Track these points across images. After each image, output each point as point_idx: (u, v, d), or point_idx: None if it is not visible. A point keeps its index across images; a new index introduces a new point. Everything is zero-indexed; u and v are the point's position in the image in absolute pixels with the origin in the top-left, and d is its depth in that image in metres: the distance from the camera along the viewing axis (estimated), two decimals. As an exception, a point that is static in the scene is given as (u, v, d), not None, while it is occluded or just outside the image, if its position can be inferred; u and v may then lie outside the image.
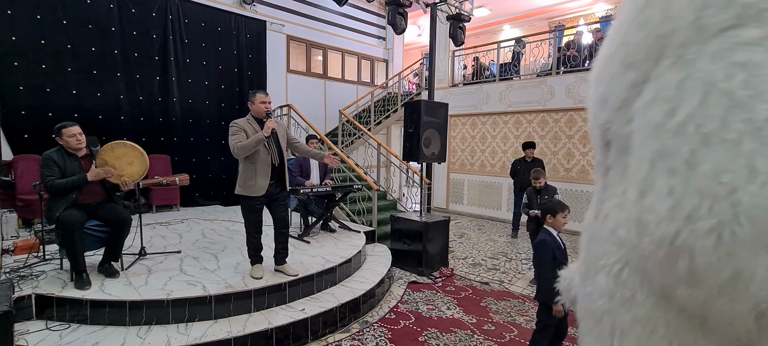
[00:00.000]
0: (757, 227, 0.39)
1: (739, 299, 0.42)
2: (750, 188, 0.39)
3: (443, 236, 4.88)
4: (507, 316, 3.57)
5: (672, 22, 0.49)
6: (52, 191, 2.97)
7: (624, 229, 0.54)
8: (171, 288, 3.03)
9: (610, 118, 0.59)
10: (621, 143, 0.57)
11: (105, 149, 3.18)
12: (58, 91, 5.49)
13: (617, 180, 0.60)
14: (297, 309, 3.14)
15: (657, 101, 0.49)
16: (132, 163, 3.27)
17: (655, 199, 0.47)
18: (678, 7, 0.48)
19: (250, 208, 3.22)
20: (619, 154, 0.59)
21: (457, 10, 6.21)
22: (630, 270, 0.57)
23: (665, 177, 0.46)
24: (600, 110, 0.62)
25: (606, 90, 0.60)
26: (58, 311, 2.84)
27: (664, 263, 0.47)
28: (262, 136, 3.08)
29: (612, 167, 0.62)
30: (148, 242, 4.27)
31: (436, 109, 4.91)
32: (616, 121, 0.58)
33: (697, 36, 0.46)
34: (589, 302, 0.67)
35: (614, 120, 0.58)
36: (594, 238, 0.68)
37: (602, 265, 0.63)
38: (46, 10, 5.34)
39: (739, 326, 0.44)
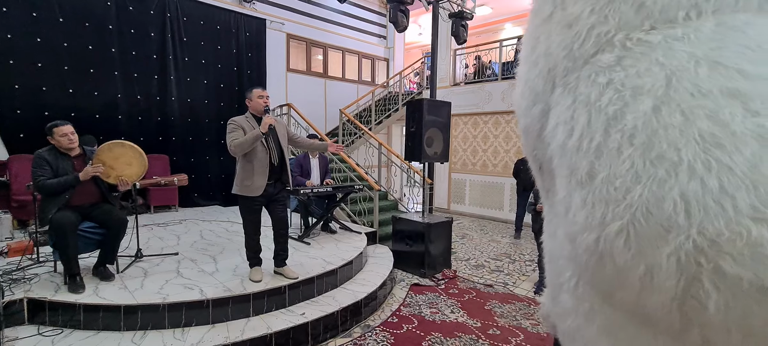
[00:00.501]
0: (651, 222, 0.43)
1: (658, 291, 0.45)
2: (637, 189, 0.44)
3: (446, 237, 4.79)
4: (512, 320, 3.48)
5: (553, 58, 0.57)
6: (43, 191, 2.88)
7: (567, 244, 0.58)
8: (167, 292, 2.94)
9: (534, 145, 0.66)
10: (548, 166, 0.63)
11: (102, 149, 3.09)
12: (54, 90, 5.40)
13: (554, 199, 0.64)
14: (297, 313, 3.05)
15: (559, 125, 0.55)
16: (131, 163, 3.18)
17: (575, 211, 0.52)
18: (555, 45, 0.57)
19: (249, 208, 3.13)
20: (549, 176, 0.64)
21: (459, 8, 6.12)
22: (583, 283, 0.60)
23: (578, 191, 0.51)
24: (526, 140, 0.69)
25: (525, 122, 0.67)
26: (50, 315, 2.75)
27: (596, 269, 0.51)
28: (258, 133, 2.99)
29: (549, 189, 0.68)
30: (145, 243, 4.18)
31: (438, 108, 4.82)
32: (539, 148, 0.64)
33: (573, 65, 0.54)
34: (561, 322, 0.69)
35: (537, 147, 0.65)
36: (552, 258, 0.72)
37: (561, 282, 0.66)
38: (41, 7, 5.25)
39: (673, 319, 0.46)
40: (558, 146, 0.55)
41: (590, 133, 0.49)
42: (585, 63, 0.53)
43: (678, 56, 0.45)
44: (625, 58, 0.49)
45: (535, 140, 0.65)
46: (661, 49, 0.47)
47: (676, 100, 0.43)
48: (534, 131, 0.64)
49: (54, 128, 3.04)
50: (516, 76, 0.73)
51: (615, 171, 0.46)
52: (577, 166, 0.51)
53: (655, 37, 0.48)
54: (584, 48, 0.53)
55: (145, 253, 3.73)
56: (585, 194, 0.50)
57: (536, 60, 0.61)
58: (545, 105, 0.60)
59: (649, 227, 0.43)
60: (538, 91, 0.60)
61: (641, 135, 0.44)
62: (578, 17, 0.54)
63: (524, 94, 0.66)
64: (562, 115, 0.54)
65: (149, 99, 6.30)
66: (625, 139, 0.45)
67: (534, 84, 0.62)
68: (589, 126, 0.49)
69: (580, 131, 0.51)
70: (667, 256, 0.42)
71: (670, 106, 0.43)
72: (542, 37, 0.60)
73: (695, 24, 0.46)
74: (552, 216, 0.69)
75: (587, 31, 0.53)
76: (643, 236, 0.44)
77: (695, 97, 0.42)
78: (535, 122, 0.63)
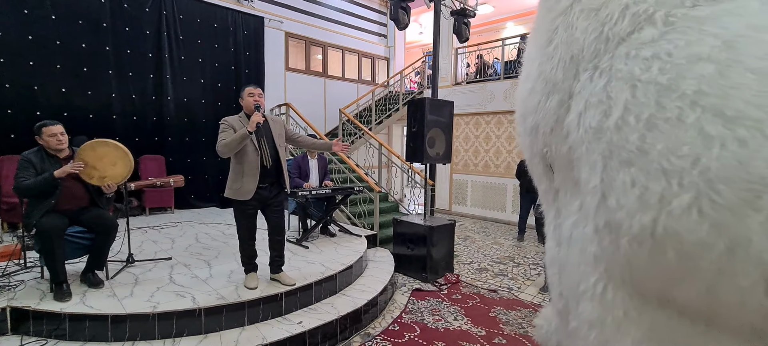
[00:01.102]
0: (734, 187, 0.38)
1: (743, 271, 0.39)
2: (712, 152, 0.40)
3: (448, 241, 4.66)
4: (518, 327, 3.35)
5: (579, 43, 0.55)
6: (20, 193, 2.76)
7: (594, 242, 0.53)
8: (158, 300, 2.81)
9: (546, 142, 0.63)
10: (562, 162, 0.59)
11: (85, 148, 2.92)
12: (47, 88, 5.26)
13: (569, 199, 0.60)
14: (294, 322, 2.92)
15: (589, 109, 0.53)
16: (115, 163, 3.00)
17: (620, 195, 0.47)
18: (580, 30, 0.55)
19: (242, 212, 2.99)
20: (563, 173, 0.61)
21: (461, 5, 5.99)
22: (614, 286, 0.53)
23: (623, 170, 0.47)
24: (534, 140, 0.66)
25: (534, 120, 0.63)
26: (34, 325, 2.61)
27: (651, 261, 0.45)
28: (245, 132, 2.83)
29: (560, 189, 0.64)
30: (138, 247, 4.05)
31: (440, 108, 4.69)
32: (553, 144, 0.61)
33: (605, 46, 0.52)
34: (577, 339, 0.61)
35: (550, 143, 0.62)
36: (564, 267, 0.65)
37: (583, 291, 0.59)
38: (33, 4, 5.11)
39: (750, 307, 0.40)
40: (588, 130, 0.53)
41: (637, 107, 0.47)
42: (620, 42, 0.51)
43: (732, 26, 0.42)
44: (669, 32, 0.47)
45: (547, 136, 0.62)
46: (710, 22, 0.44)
47: (744, 62, 0.40)
48: (547, 126, 0.62)
49: (43, 128, 2.92)
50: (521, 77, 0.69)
51: (677, 139, 0.43)
52: (620, 144, 0.48)
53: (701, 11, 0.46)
54: (619, 27, 0.51)
55: (136, 258, 3.60)
56: (635, 172, 0.46)
57: (553, 52, 0.59)
58: (565, 94, 0.58)
59: (732, 193, 0.38)
60: (557, 82, 0.58)
61: (709, 97, 0.41)
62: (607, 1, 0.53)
63: (535, 90, 0.63)
64: (594, 96, 0.52)
65: (144, 98, 6.16)
66: (687, 105, 0.43)
67: (551, 76, 0.60)
68: (635, 100, 0.47)
69: (621, 108, 0.48)
70: (759, 224, 0.37)
71: (738, 69, 0.40)
72: (561, 28, 0.59)
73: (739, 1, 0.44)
74: (563, 220, 0.64)
75: (621, 11, 0.51)
76: (724, 206, 0.39)
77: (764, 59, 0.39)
78: (550, 116, 0.60)
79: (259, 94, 3.02)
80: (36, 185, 2.76)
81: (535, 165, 0.70)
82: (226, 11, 7.02)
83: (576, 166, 0.56)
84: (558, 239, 0.66)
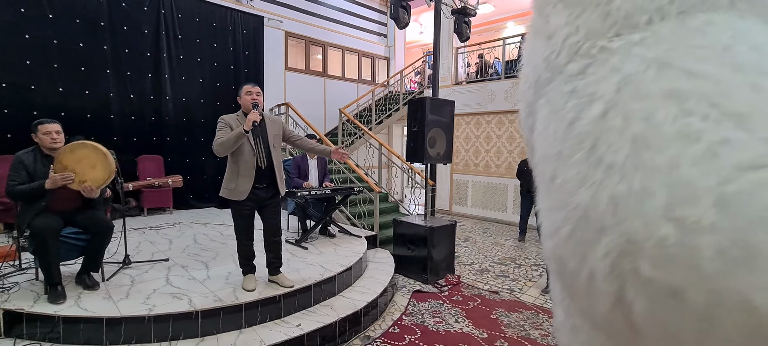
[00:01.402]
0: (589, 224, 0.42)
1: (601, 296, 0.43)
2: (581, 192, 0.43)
3: (449, 241, 4.61)
4: (520, 330, 3.30)
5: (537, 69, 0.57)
6: (12, 196, 2.72)
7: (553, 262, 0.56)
8: (154, 302, 2.76)
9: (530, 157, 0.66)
10: None
11: (64, 151, 2.77)
12: (44, 88, 5.21)
13: None
14: (292, 325, 2.87)
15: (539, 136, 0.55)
16: (95, 166, 2.84)
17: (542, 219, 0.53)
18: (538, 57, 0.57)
19: (238, 213, 2.94)
20: None
21: (462, 4, 5.94)
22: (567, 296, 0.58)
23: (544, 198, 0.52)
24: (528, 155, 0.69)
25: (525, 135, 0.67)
26: (28, 328, 2.57)
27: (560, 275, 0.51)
28: (241, 131, 2.78)
29: None
30: (135, 248, 4.00)
31: (441, 107, 4.64)
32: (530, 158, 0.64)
33: (551, 75, 0.54)
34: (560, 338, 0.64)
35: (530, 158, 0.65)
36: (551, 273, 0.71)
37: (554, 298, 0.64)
38: (30, 3, 5.06)
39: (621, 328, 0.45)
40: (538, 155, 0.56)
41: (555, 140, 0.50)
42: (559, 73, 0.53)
43: (633, 61, 0.44)
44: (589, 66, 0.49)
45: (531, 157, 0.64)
46: (619, 55, 0.46)
47: (621, 104, 0.42)
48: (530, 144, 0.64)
49: (39, 125, 2.87)
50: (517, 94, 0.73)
51: (567, 175, 0.46)
52: (545, 173, 0.52)
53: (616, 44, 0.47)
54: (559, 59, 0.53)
55: (133, 259, 3.55)
56: (548, 201, 0.51)
57: (527, 73, 0.62)
58: (534, 118, 0.60)
59: (588, 229, 0.43)
60: (529, 102, 0.61)
61: (589, 139, 0.44)
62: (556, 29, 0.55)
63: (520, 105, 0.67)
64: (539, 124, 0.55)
65: (143, 98, 6.11)
66: (576, 144, 0.46)
67: (526, 96, 0.63)
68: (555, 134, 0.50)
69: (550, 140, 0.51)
70: (602, 257, 0.41)
71: (616, 110, 0.43)
72: (531, 50, 0.62)
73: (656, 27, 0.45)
74: None
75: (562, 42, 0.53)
76: (584, 240, 0.43)
77: (637, 99, 0.41)
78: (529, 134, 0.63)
79: (257, 92, 2.98)
80: (27, 192, 2.71)
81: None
82: (225, 10, 6.97)
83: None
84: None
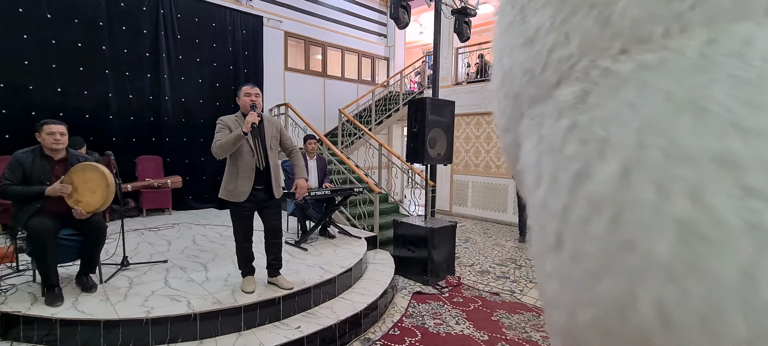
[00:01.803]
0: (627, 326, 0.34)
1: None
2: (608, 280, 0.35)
3: (450, 243, 4.59)
4: (521, 332, 3.28)
5: (517, 81, 0.47)
6: (5, 196, 2.69)
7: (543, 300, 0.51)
8: (152, 304, 2.73)
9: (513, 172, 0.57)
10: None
11: (77, 169, 2.83)
12: (42, 88, 5.19)
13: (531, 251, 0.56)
14: (292, 327, 2.85)
15: (527, 169, 0.47)
16: (95, 192, 2.85)
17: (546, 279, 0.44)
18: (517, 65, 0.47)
19: (237, 214, 2.92)
20: None
21: (462, 4, 5.92)
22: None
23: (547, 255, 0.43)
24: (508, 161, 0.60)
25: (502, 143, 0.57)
26: (25, 330, 2.54)
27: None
28: (240, 133, 2.76)
29: None
30: (134, 249, 3.98)
31: (441, 108, 4.62)
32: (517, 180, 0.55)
33: (537, 93, 0.44)
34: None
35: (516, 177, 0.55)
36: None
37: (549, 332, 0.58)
38: (28, 3, 5.04)
39: None
40: (528, 191, 0.47)
41: (556, 189, 0.40)
42: (548, 95, 0.42)
43: (653, 97, 0.34)
44: (590, 94, 0.38)
45: (513, 169, 0.55)
46: (632, 85, 0.35)
47: (648, 164, 0.33)
48: (510, 159, 0.55)
49: (44, 125, 2.86)
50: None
51: (583, 247, 0.37)
52: (545, 225, 0.42)
53: (625, 66, 0.36)
54: (545, 75, 0.42)
55: (132, 260, 3.53)
56: (554, 263, 0.41)
57: (503, 78, 0.50)
58: (516, 135, 0.50)
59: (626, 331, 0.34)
60: (509, 116, 0.51)
61: (609, 207, 0.34)
62: (537, 32, 0.42)
63: (498, 115, 0.56)
64: (528, 156, 0.46)
65: (142, 98, 6.09)
66: (592, 209, 0.36)
67: (504, 106, 0.52)
68: (555, 181, 0.40)
69: (547, 184, 0.42)
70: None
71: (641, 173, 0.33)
72: (505, 50, 0.49)
73: (676, 44, 0.34)
74: None
75: (547, 53, 0.41)
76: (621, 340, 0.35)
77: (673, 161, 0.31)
78: (510, 151, 0.53)
79: (256, 93, 2.95)
80: (22, 194, 2.69)
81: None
82: (224, 10, 6.95)
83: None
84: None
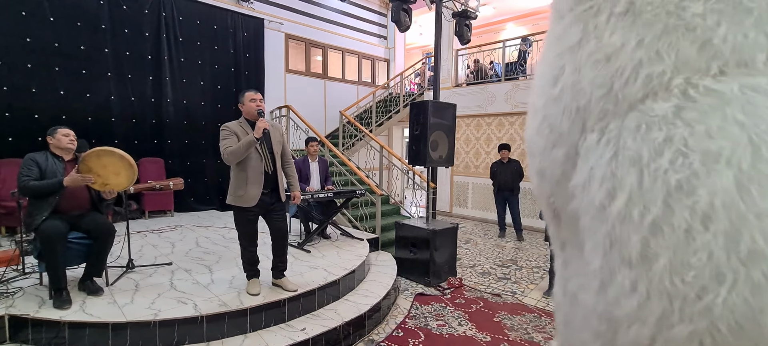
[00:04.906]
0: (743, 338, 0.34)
1: None
2: (721, 292, 0.35)
3: (451, 244, 4.63)
4: (523, 333, 3.31)
5: (586, 95, 0.47)
6: (25, 192, 2.73)
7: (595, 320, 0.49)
8: (159, 307, 2.76)
9: (552, 191, 0.56)
10: (568, 219, 0.54)
11: (90, 155, 2.87)
12: (45, 91, 5.20)
13: (576, 257, 0.55)
14: (297, 329, 2.88)
15: (594, 180, 0.46)
16: (119, 173, 2.94)
17: (619, 294, 0.43)
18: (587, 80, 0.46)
19: (243, 219, 2.95)
20: (570, 229, 0.55)
21: (462, 7, 5.96)
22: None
23: (624, 269, 0.42)
24: (541, 182, 0.59)
25: (541, 163, 0.57)
26: (33, 333, 2.57)
27: None
28: (252, 139, 2.80)
29: (567, 242, 0.59)
30: (138, 252, 4.00)
31: (443, 110, 4.65)
32: (558, 196, 0.55)
33: (615, 108, 0.44)
34: None
35: (556, 194, 0.55)
36: (568, 322, 0.61)
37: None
38: (31, 6, 5.06)
39: None
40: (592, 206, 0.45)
41: (643, 201, 0.40)
42: (631, 109, 0.43)
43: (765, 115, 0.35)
44: (686, 110, 0.39)
45: (553, 186, 0.55)
46: (737, 104, 0.36)
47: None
48: (553, 176, 0.54)
49: (59, 128, 2.96)
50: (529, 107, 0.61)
51: (684, 259, 0.36)
52: (623, 239, 0.41)
53: (728, 87, 0.37)
54: (629, 89, 0.43)
55: (137, 263, 3.55)
56: (636, 277, 0.40)
57: (559, 95, 0.50)
58: (571, 149, 0.50)
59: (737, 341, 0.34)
60: (562, 132, 0.50)
61: (722, 220, 0.34)
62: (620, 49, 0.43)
63: (542, 132, 0.55)
64: (599, 169, 0.45)
65: (144, 101, 6.11)
66: (698, 222, 0.36)
67: (556, 122, 0.51)
68: (641, 192, 0.40)
69: (626, 196, 0.41)
70: None
71: (763, 186, 0.33)
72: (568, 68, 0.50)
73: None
74: (570, 274, 0.59)
75: (633, 68, 0.42)
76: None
77: None
78: (556, 167, 0.53)
79: (260, 99, 2.99)
80: (42, 188, 2.73)
81: (543, 206, 0.63)
82: (225, 13, 6.97)
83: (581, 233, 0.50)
84: (564, 289, 0.61)
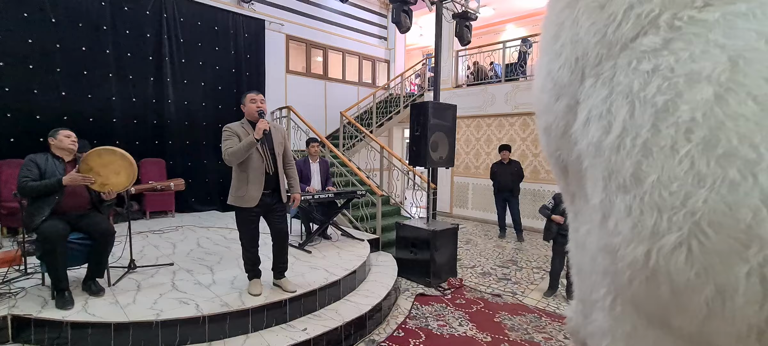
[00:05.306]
0: (722, 234, 0.37)
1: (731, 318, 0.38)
2: (701, 193, 0.38)
3: (451, 245, 4.64)
4: (524, 333, 3.33)
5: (582, 45, 0.51)
6: (24, 192, 2.75)
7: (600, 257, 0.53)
8: (161, 307, 2.78)
9: (557, 145, 0.60)
10: (575, 168, 0.57)
11: (91, 154, 2.90)
12: (47, 92, 5.22)
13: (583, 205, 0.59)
14: (298, 329, 2.89)
15: (591, 121, 0.50)
16: (119, 172, 2.97)
17: (618, 220, 0.46)
18: (584, 30, 0.51)
19: (245, 220, 2.97)
20: (577, 179, 0.59)
21: (463, 8, 5.98)
22: (622, 301, 0.53)
23: (620, 195, 0.45)
24: (547, 140, 0.63)
25: (547, 119, 0.61)
26: (36, 333, 2.58)
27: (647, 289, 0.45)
28: (253, 139, 2.81)
29: (575, 193, 0.62)
30: (139, 252, 4.01)
31: (443, 111, 4.67)
32: (563, 148, 0.59)
33: (608, 52, 0.48)
34: (594, 342, 0.62)
35: (561, 147, 0.59)
36: (580, 271, 0.65)
37: (594, 299, 0.59)
38: (33, 7, 5.08)
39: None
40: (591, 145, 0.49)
41: (634, 128, 0.43)
42: (623, 49, 0.46)
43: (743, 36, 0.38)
44: (673, 41, 0.42)
45: (558, 140, 0.59)
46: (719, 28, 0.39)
47: (747, 86, 0.36)
48: (558, 129, 0.58)
49: (60, 130, 2.98)
50: (535, 70, 0.65)
51: (670, 172, 0.40)
52: (618, 167, 0.45)
53: (711, 15, 0.40)
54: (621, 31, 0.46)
55: (138, 263, 3.57)
56: (630, 200, 0.44)
57: (560, 49, 0.55)
58: (572, 99, 0.54)
59: (720, 239, 0.37)
60: (564, 84, 0.54)
61: (702, 129, 0.38)
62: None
63: (545, 88, 0.59)
64: (596, 109, 0.48)
65: (145, 101, 6.12)
66: (681, 134, 0.39)
67: (558, 76, 0.55)
68: (633, 120, 0.43)
69: (620, 127, 0.45)
70: (745, 275, 0.36)
71: (739, 94, 0.37)
72: (567, 22, 0.54)
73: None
74: (579, 224, 0.62)
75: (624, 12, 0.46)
76: (712, 251, 0.37)
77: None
78: (560, 119, 0.57)
79: (262, 100, 3.00)
80: (41, 187, 2.75)
81: (551, 164, 0.66)
82: (226, 14, 6.99)
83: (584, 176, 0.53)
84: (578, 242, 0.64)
